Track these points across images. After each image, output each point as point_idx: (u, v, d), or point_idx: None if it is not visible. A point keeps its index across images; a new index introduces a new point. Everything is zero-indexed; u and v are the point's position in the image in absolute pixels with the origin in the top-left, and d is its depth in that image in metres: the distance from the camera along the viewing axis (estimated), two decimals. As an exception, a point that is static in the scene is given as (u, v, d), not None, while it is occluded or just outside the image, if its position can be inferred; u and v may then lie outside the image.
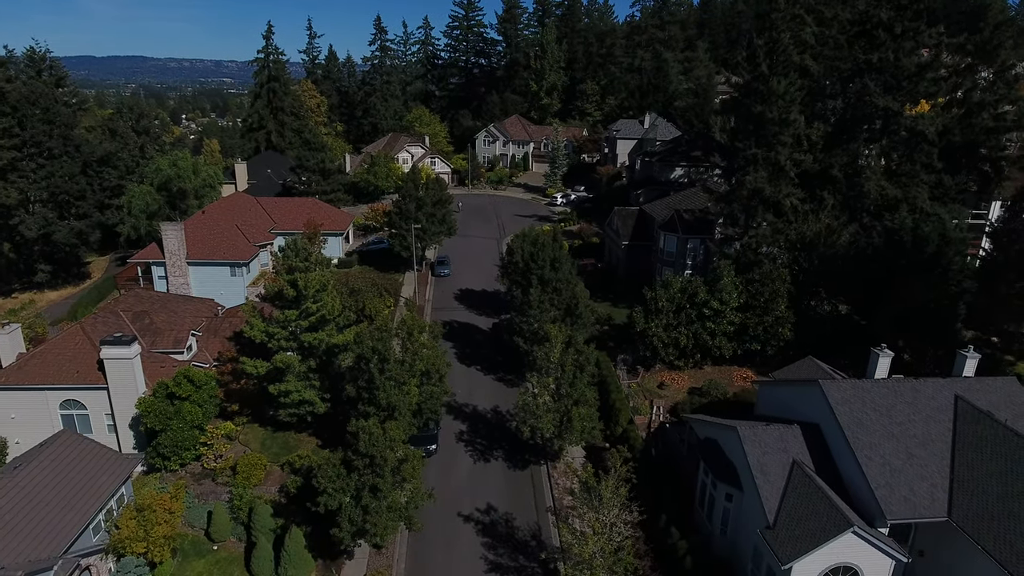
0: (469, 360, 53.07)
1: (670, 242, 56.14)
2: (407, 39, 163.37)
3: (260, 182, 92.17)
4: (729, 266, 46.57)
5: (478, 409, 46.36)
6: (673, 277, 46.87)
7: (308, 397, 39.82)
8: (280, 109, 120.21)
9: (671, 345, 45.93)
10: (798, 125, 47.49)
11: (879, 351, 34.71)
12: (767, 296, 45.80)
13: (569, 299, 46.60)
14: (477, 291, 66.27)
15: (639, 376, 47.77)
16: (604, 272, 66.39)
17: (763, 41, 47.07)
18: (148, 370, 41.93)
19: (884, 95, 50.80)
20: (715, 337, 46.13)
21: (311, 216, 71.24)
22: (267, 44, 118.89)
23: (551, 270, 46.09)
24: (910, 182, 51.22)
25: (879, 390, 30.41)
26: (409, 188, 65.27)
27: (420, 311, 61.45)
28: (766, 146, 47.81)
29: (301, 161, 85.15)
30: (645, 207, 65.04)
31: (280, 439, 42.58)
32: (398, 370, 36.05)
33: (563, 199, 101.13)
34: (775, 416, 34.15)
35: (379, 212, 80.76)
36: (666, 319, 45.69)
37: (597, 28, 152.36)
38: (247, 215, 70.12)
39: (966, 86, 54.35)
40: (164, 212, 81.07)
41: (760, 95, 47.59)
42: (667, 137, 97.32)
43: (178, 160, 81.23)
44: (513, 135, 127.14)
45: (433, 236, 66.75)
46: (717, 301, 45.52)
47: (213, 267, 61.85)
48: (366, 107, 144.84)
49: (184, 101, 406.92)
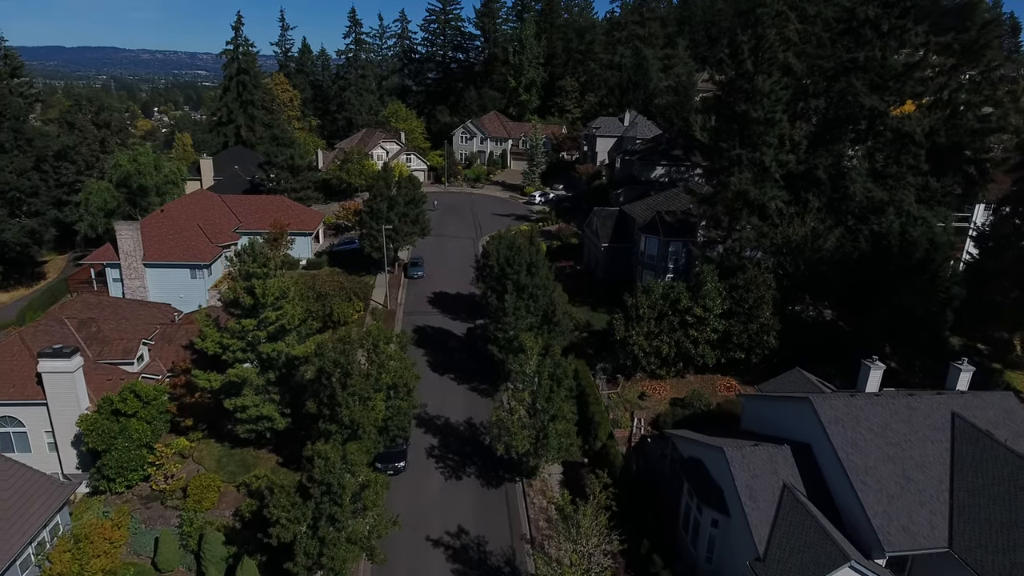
0: (442, 368, 50.64)
1: (651, 245, 54.21)
2: (383, 32, 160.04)
3: (227, 179, 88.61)
4: (712, 271, 44.71)
5: (450, 421, 44.00)
6: (654, 282, 44.90)
7: (267, 412, 37.16)
8: (250, 103, 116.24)
9: (652, 354, 43.97)
10: (783, 125, 45.74)
11: (871, 363, 33.03)
12: (751, 302, 44.02)
13: (546, 305, 44.43)
14: (452, 294, 63.80)
15: (619, 386, 45.77)
16: (583, 274, 64.34)
17: (748, 37, 45.19)
18: (93, 383, 38.92)
19: (870, 94, 49.28)
20: (698, 345, 44.27)
21: (278, 216, 68.18)
22: (236, 35, 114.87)
23: (527, 275, 43.84)
24: (896, 184, 49.79)
25: (873, 408, 28.66)
26: (381, 186, 62.55)
27: (391, 315, 58.85)
28: (751, 146, 46.01)
29: (269, 157, 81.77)
30: (625, 208, 63.08)
31: (238, 456, 39.81)
32: (362, 385, 33.55)
33: (541, 198, 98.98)
34: (762, 433, 32.34)
35: (351, 211, 77.84)
36: (647, 327, 43.71)
37: (577, 24, 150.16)
38: (210, 214, 66.88)
39: (951, 87, 53.07)
40: (124, 210, 77.39)
41: (745, 93, 45.75)
42: (647, 135, 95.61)
43: (139, 155, 77.44)
44: (491, 132, 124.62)
45: (406, 237, 64.13)
46: (700, 308, 43.64)
47: (172, 269, 58.66)
48: (341, 102, 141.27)
49: (156, 94, 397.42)
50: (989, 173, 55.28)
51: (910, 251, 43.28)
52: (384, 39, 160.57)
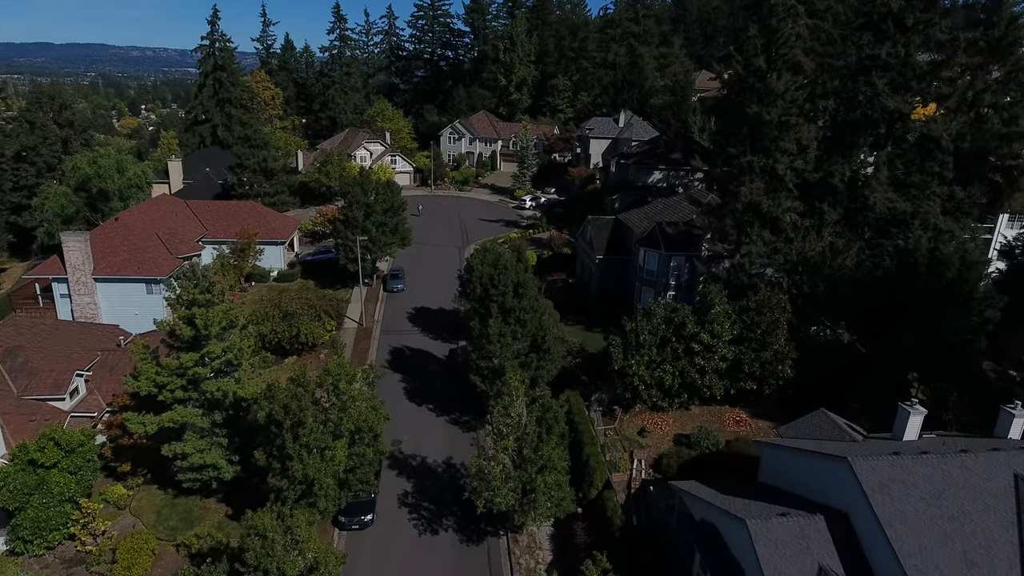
0: (420, 397, 45.75)
1: (651, 259, 49.46)
2: (369, 29, 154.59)
3: (197, 182, 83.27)
4: (720, 292, 40.07)
5: (427, 462, 39.11)
6: (656, 305, 40.16)
7: (211, 460, 32.17)
8: (227, 101, 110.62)
9: (654, 386, 39.25)
10: (800, 130, 41.12)
11: (910, 408, 28.37)
12: (764, 327, 39.39)
13: (535, 330, 39.61)
14: (434, 310, 58.86)
15: (616, 419, 41.03)
16: (576, 289, 59.50)
17: (759, 31, 40.50)
18: (13, 424, 33.85)
19: (893, 95, 44.73)
20: (705, 375, 39.59)
21: (246, 224, 63.02)
22: (212, 30, 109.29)
23: (514, 297, 39.03)
24: (920, 194, 45.30)
25: (922, 469, 24.01)
26: (357, 193, 57.52)
27: (367, 335, 53.86)
28: (763, 153, 41.36)
29: (241, 159, 76.44)
30: (622, 216, 58.33)
31: (181, 507, 34.78)
32: (319, 434, 28.62)
33: (532, 202, 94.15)
34: (786, 490, 27.71)
35: (328, 216, 72.72)
36: (648, 355, 38.97)
37: (569, 21, 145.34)
38: (172, 221, 61.63)
39: (977, 87, 48.64)
40: (83, 216, 72.10)
41: (756, 94, 41.10)
42: (644, 137, 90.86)
43: (99, 157, 72.05)
44: (480, 132, 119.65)
45: (384, 247, 59.13)
46: (708, 334, 38.98)
47: (125, 284, 53.42)
48: (324, 100, 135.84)
49: (144, 91, 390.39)
50: (1017, 180, 51.09)
51: (940, 270, 38.85)
52: (370, 36, 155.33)
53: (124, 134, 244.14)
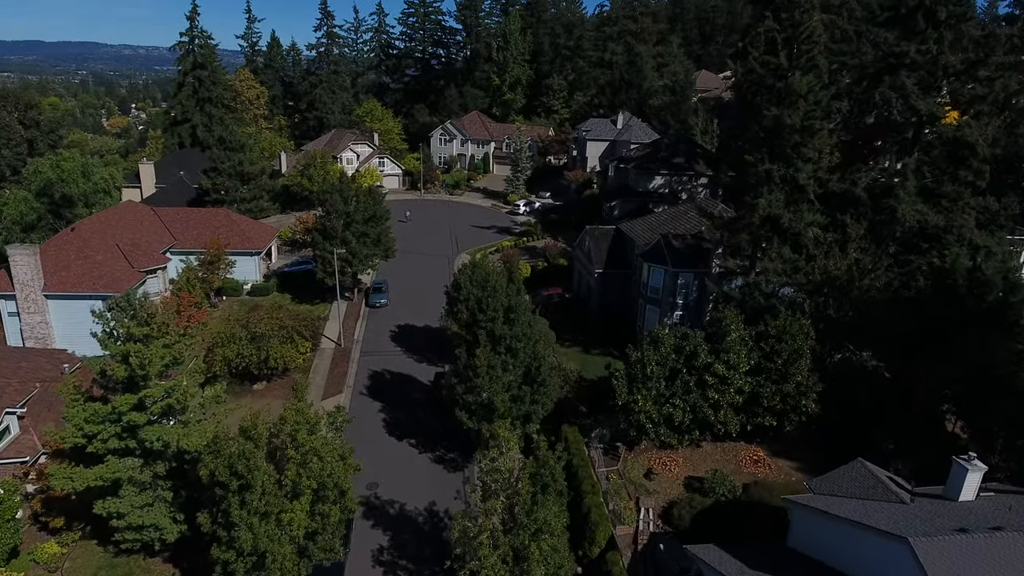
0: (401, 430, 41.29)
1: (656, 276, 45.10)
2: (358, 26, 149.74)
3: (171, 186, 78.47)
4: (736, 317, 35.76)
5: (406, 509, 34.66)
6: (664, 331, 35.79)
7: (152, 520, 27.63)
8: (208, 100, 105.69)
9: (663, 424, 34.92)
10: (824, 136, 36.87)
11: (967, 464, 24.16)
12: (786, 356, 35.14)
13: (529, 361, 35.20)
14: (420, 327, 54.37)
15: (620, 459, 36.70)
16: (573, 306, 55.11)
17: (781, 24, 36.20)
18: (-76, 475, 29.16)
19: (923, 97, 40.62)
20: (719, 410, 35.33)
21: (217, 233, 58.41)
22: (191, 26, 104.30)
23: (504, 323, 34.61)
24: (952, 205, 41.18)
25: (997, 551, 19.78)
26: (335, 201, 52.97)
27: (345, 356, 49.35)
28: (783, 160, 37.08)
29: (215, 162, 71.68)
30: (623, 226, 53.98)
31: (122, 569, 30.27)
32: (273, 497, 24.15)
33: (526, 207, 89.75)
34: (824, 563, 23.45)
35: (308, 224, 68.11)
36: (656, 388, 34.64)
37: (565, 18, 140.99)
38: (136, 231, 56.95)
39: (1011, 87, 44.57)
40: (47, 223, 67.37)
41: (776, 94, 36.81)
42: (643, 139, 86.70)
43: (62, 160, 67.34)
44: (472, 133, 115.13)
45: (365, 260, 54.61)
46: (723, 364, 34.70)
47: (80, 301, 48.62)
48: (311, 100, 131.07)
49: (135, 90, 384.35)
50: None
51: (983, 292, 34.76)
52: (360, 33, 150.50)
53: (113, 133, 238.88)
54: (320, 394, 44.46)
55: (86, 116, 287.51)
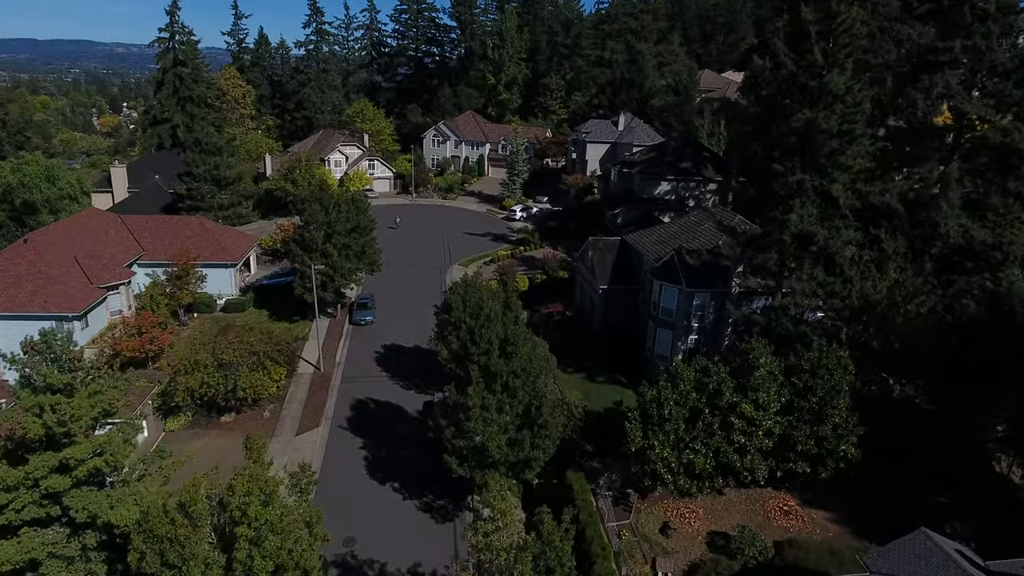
0: (384, 471, 36.70)
1: (668, 296, 40.65)
2: (349, 23, 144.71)
3: (145, 191, 73.56)
4: (766, 349, 31.39)
5: (387, 571, 30.14)
6: (684, 366, 31.35)
7: (77, 604, 23.01)
8: (189, 99, 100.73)
9: (682, 472, 30.53)
10: (864, 142, 32.52)
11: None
12: (822, 394, 30.80)
13: (528, 399, 30.72)
14: (408, 348, 49.81)
15: (632, 509, 32.26)
16: (575, 324, 50.63)
17: (815, 15, 31.75)
18: None
19: (970, 98, 36.35)
20: (746, 455, 30.98)
21: (188, 243, 53.73)
22: (172, 21, 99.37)
23: (500, 357, 30.10)
24: (1001, 220, 36.92)
25: None
26: (315, 210, 48.38)
27: (324, 383, 44.76)
28: (816, 170, 32.69)
29: (189, 166, 66.87)
30: (630, 239, 49.59)
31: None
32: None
33: (523, 213, 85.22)
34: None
35: (289, 232, 63.41)
36: (674, 431, 30.23)
37: (562, 16, 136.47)
38: (99, 242, 52.24)
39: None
40: (7, 231, 62.68)
41: (809, 95, 32.41)
42: (646, 142, 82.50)
43: (24, 164, 62.57)
44: (466, 134, 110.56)
45: (347, 274, 50.03)
46: (751, 404, 30.34)
47: (29, 322, 43.86)
48: (299, 99, 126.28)
49: (127, 88, 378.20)
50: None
51: (1045, 320, 30.55)
52: (350, 30, 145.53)
53: (103, 132, 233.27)
54: (295, 428, 39.88)
55: (76, 115, 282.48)
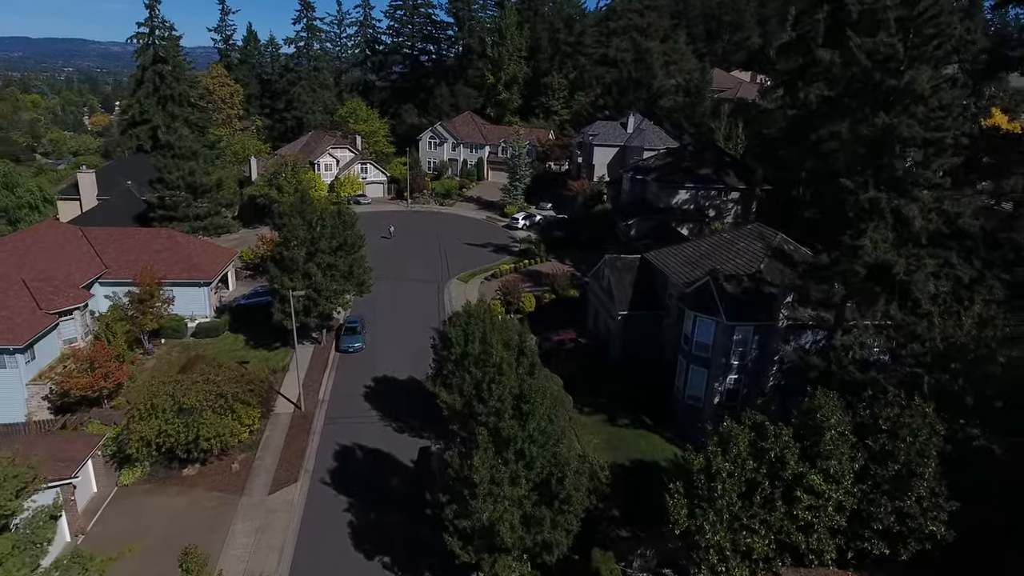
0: (371, 541, 30.88)
1: (704, 329, 34.97)
2: (341, 19, 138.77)
3: (115, 198, 67.57)
4: (836, 405, 25.83)
5: None
6: (737, 427, 25.72)
7: None
8: (170, 98, 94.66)
9: (737, 556, 24.93)
10: (949, 155, 27.00)
11: None
12: (904, 460, 25.28)
13: (548, 469, 25.03)
14: (401, 381, 44.05)
15: (671, 596, 26.71)
16: (590, 352, 44.87)
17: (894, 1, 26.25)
18: None
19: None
20: (811, 534, 25.44)
21: (154, 261, 47.92)
22: (151, 15, 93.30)
23: (514, 418, 24.42)
24: (1097, 243, 31.51)
25: None
26: (295, 225, 42.62)
27: (305, 425, 38.98)
28: (892, 187, 27.15)
29: (161, 172, 60.91)
30: (651, 257, 44.00)
31: None
32: None
33: (525, 220, 79.57)
34: None
35: (270, 244, 57.57)
36: (728, 511, 24.63)
37: (564, 12, 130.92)
38: (53, 259, 46.39)
39: None
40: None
41: (884, 95, 26.86)
42: (658, 145, 77.06)
43: (-21, 170, 56.59)
44: (464, 136, 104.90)
45: (333, 297, 44.32)
46: (819, 475, 24.79)
47: (-36, 355, 38.22)
48: (289, 98, 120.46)
49: (120, 87, 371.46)
50: None
51: None
52: (343, 27, 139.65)
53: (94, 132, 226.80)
54: (268, 484, 34.11)
55: (67, 114, 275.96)
